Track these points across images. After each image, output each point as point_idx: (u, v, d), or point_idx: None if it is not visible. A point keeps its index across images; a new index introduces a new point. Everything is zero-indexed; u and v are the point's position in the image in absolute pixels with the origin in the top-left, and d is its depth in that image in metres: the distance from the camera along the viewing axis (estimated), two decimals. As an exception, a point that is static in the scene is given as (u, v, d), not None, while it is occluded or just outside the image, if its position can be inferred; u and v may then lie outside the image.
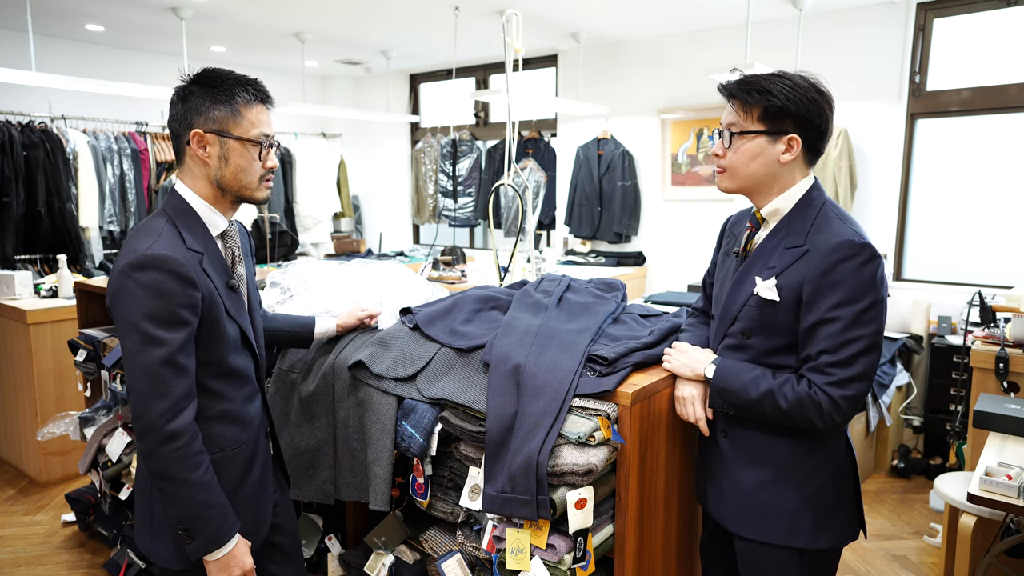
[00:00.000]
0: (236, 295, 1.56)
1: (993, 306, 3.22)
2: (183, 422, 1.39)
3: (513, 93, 3.17)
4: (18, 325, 3.68)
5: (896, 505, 3.60)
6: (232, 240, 1.58)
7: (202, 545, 1.43)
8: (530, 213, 4.36)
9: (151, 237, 1.41)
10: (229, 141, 1.47)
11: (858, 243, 1.41)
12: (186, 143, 1.48)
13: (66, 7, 4.71)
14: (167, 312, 1.37)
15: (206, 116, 1.46)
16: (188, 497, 1.40)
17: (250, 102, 1.49)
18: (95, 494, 3.14)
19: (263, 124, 1.51)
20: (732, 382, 1.53)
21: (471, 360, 1.81)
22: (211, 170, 1.49)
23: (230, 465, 1.54)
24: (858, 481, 1.61)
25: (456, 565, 1.77)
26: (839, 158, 4.37)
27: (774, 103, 1.47)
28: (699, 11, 4.62)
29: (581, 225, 5.75)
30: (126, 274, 1.37)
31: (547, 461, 1.51)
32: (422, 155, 6.75)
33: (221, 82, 1.47)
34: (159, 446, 1.37)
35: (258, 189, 1.53)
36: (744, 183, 1.55)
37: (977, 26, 4.20)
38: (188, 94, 1.47)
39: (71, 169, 4.93)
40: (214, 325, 1.47)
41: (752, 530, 1.57)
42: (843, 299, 1.40)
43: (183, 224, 1.47)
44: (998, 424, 2.30)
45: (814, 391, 1.43)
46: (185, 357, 1.40)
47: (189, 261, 1.41)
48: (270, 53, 6.23)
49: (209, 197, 1.52)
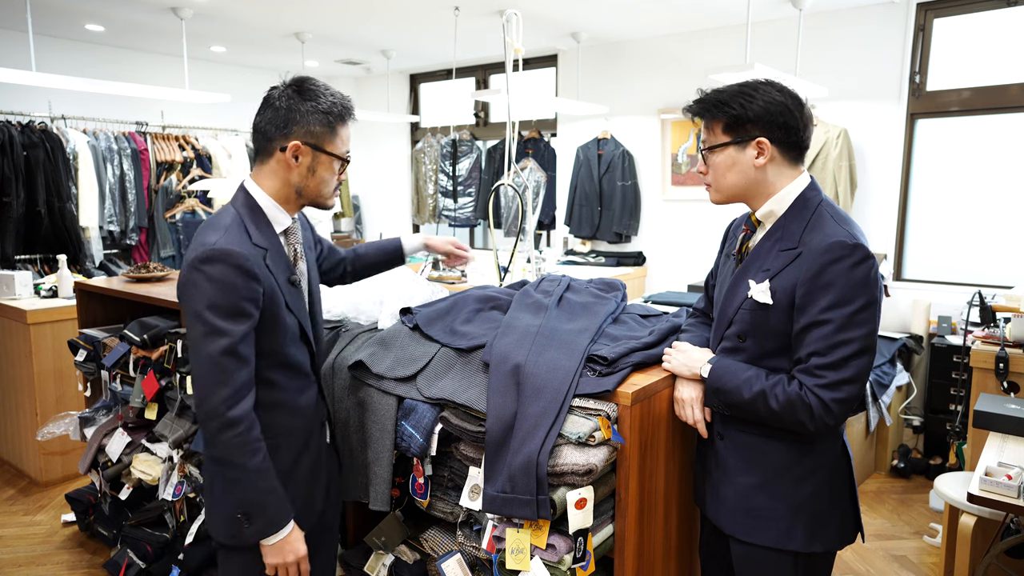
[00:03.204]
0: (297, 290, 1.62)
1: (993, 306, 3.22)
2: (243, 410, 1.45)
3: (513, 93, 3.17)
4: (18, 325, 3.68)
5: (896, 505, 3.60)
6: (295, 237, 1.65)
7: (259, 530, 1.50)
8: (530, 213, 4.36)
9: (219, 232, 1.48)
10: (321, 155, 1.55)
11: (849, 244, 1.40)
12: (279, 148, 1.53)
13: (66, 7, 4.71)
14: (230, 304, 1.44)
15: (307, 129, 1.52)
16: (248, 483, 1.47)
17: (345, 121, 1.57)
18: (95, 494, 3.14)
19: (349, 142, 1.61)
20: (727, 382, 1.54)
21: (471, 360, 1.81)
22: (294, 177, 1.56)
23: (283, 452, 1.61)
24: (854, 485, 1.61)
25: (456, 565, 1.77)
26: (839, 158, 4.37)
27: (731, 113, 1.50)
28: (699, 11, 4.62)
29: (581, 225, 5.75)
30: (194, 267, 1.44)
31: (547, 461, 1.51)
32: (422, 155, 6.75)
33: (323, 98, 1.53)
34: (220, 432, 1.44)
35: (330, 198, 1.63)
36: (728, 193, 1.57)
37: (977, 26, 4.20)
38: (288, 102, 1.52)
39: (71, 169, 4.93)
40: (274, 318, 1.54)
41: (747, 533, 1.57)
42: (834, 301, 1.39)
43: (250, 220, 1.54)
44: (998, 424, 2.30)
45: (805, 393, 1.43)
46: (246, 348, 1.47)
47: (253, 256, 1.48)
48: (270, 53, 6.23)
49: (280, 198, 1.59)
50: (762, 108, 1.48)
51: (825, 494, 1.54)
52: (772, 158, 1.51)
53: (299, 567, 1.56)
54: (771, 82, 1.52)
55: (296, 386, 1.64)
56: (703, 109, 1.55)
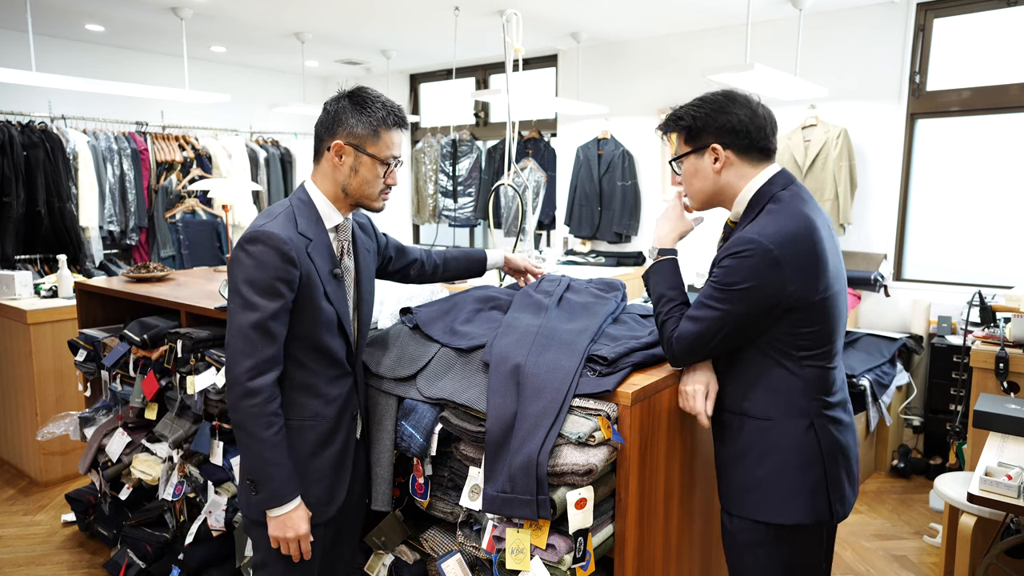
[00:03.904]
0: (339, 283, 1.71)
1: (993, 306, 3.22)
2: (263, 382, 1.55)
3: (513, 93, 3.17)
4: (18, 325, 3.68)
5: (896, 505, 3.60)
6: (344, 234, 1.76)
7: (264, 499, 1.59)
8: (530, 213, 4.36)
9: (268, 218, 1.62)
10: (363, 156, 1.65)
11: (746, 237, 1.52)
12: (326, 148, 1.66)
13: (66, 7, 4.71)
14: (265, 282, 1.55)
15: (350, 131, 1.64)
16: (257, 452, 1.57)
17: (390, 127, 1.66)
18: (95, 494, 3.14)
19: (395, 147, 1.69)
20: (654, 284, 1.72)
21: (471, 360, 1.81)
22: (340, 176, 1.67)
23: (307, 435, 1.68)
24: (839, 467, 1.63)
25: (456, 565, 1.77)
26: (839, 158, 4.37)
27: (684, 124, 1.66)
28: (699, 11, 4.62)
29: (581, 225, 5.75)
30: (240, 247, 1.57)
31: (547, 461, 1.51)
32: (422, 155, 6.75)
33: (370, 104, 1.65)
34: (239, 400, 1.55)
35: (376, 200, 1.72)
36: (699, 199, 1.72)
37: (977, 26, 4.20)
38: (339, 106, 1.65)
39: (71, 169, 4.93)
40: (310, 303, 1.63)
41: (727, 503, 1.71)
42: (716, 277, 1.56)
43: (300, 212, 1.66)
44: (998, 424, 2.30)
45: (673, 324, 1.64)
46: (276, 325, 1.57)
47: (295, 242, 1.58)
48: (270, 53, 6.24)
49: (331, 196, 1.70)
50: (710, 116, 1.62)
51: (789, 470, 1.61)
52: (729, 162, 1.63)
53: (299, 544, 1.63)
54: (725, 92, 1.65)
55: (328, 373, 1.71)
56: (665, 126, 1.73)
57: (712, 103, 1.63)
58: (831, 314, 1.57)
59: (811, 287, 1.52)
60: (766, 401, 1.60)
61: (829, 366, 1.60)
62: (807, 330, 1.55)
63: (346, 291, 1.75)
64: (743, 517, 1.66)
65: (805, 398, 1.58)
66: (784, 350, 1.57)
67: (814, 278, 1.52)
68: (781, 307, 1.53)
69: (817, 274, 1.53)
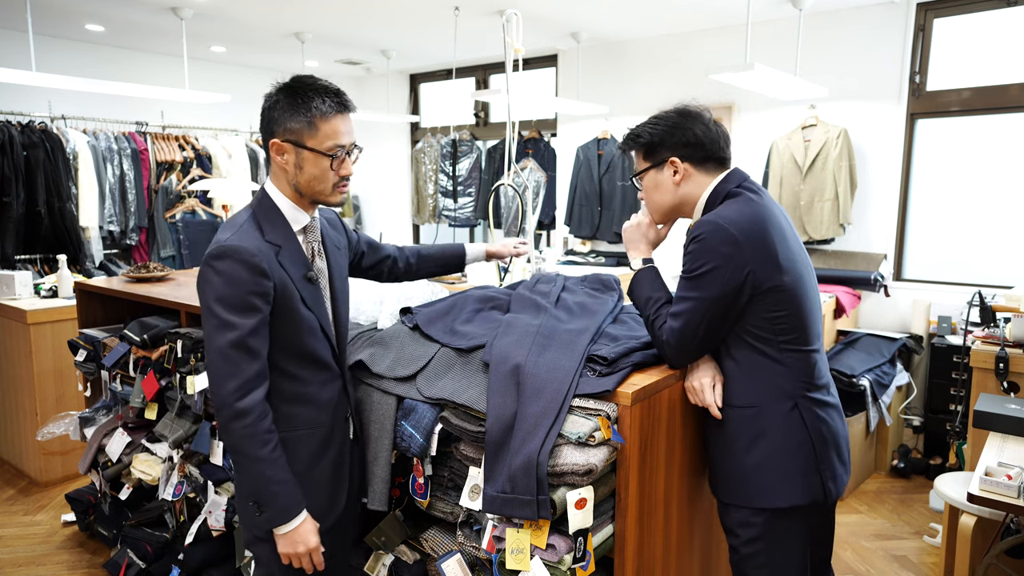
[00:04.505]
0: (314, 287, 1.65)
1: (993, 306, 3.22)
2: (252, 401, 1.49)
3: (513, 93, 3.17)
4: (18, 325, 3.68)
5: (896, 505, 3.60)
6: (313, 235, 1.69)
7: (270, 518, 1.54)
8: (530, 213, 4.36)
9: (232, 229, 1.55)
10: (303, 151, 1.57)
11: (704, 220, 1.62)
12: (270, 149, 1.60)
13: (66, 7, 4.71)
14: (238, 299, 1.48)
15: (284, 127, 1.55)
16: (257, 472, 1.51)
17: (327, 114, 1.55)
18: (95, 494, 3.14)
19: (339, 136, 1.58)
20: (638, 290, 1.78)
21: (471, 360, 1.81)
22: (289, 175, 1.60)
23: (305, 445, 1.65)
24: (826, 446, 1.68)
25: (456, 565, 1.77)
26: (839, 158, 4.37)
27: (642, 141, 1.76)
28: (699, 11, 4.62)
29: (581, 225, 5.75)
30: (207, 263, 1.51)
31: (547, 461, 1.51)
32: (422, 155, 6.75)
33: (302, 93, 1.55)
34: (230, 422, 1.49)
35: (332, 194, 1.64)
36: (661, 211, 1.80)
37: (977, 26, 4.20)
38: (274, 102, 1.57)
39: (71, 169, 4.93)
40: (289, 312, 1.58)
41: (722, 493, 1.76)
42: (684, 266, 1.65)
43: (265, 219, 1.60)
44: (998, 424, 2.30)
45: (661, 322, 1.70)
46: (256, 341, 1.51)
47: (263, 253, 1.52)
48: (270, 53, 6.23)
49: (291, 197, 1.64)
50: (667, 132, 1.72)
51: (779, 454, 1.65)
52: (688, 174, 1.73)
53: (311, 558, 1.59)
54: (678, 109, 1.75)
55: (319, 379, 1.67)
56: (626, 144, 1.82)
57: (667, 120, 1.73)
58: (798, 295, 1.64)
59: (772, 266, 1.60)
60: (750, 389, 1.67)
61: (808, 350, 1.67)
62: (779, 314, 1.62)
63: (322, 293, 1.70)
64: (739, 506, 1.70)
65: (788, 383, 1.65)
66: (762, 336, 1.64)
67: (773, 257, 1.60)
68: (748, 288, 1.59)
69: (776, 254, 1.60)
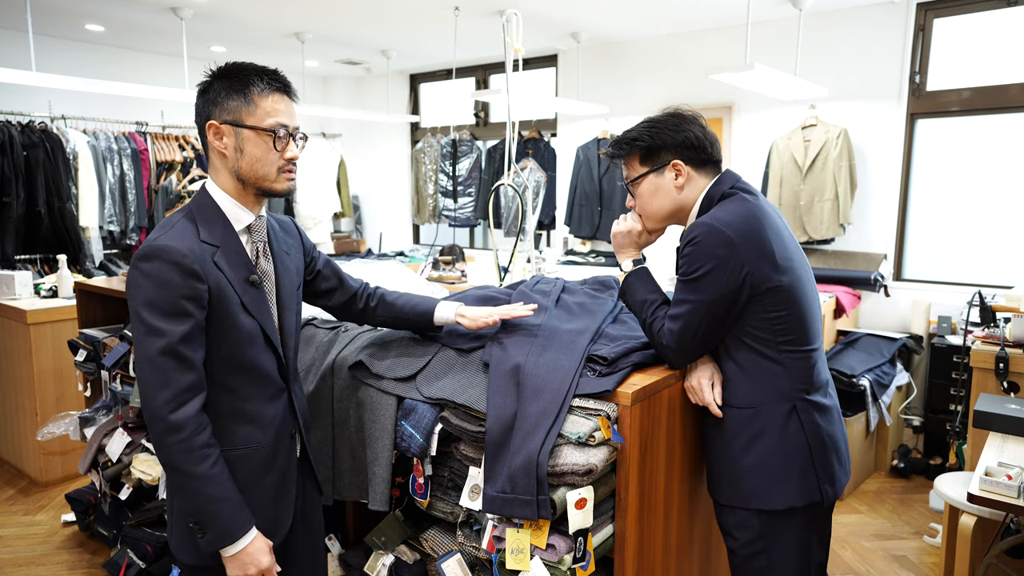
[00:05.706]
0: (257, 291, 1.52)
1: (993, 306, 3.22)
2: (186, 414, 1.37)
3: (513, 93, 3.17)
4: (18, 325, 3.68)
5: (896, 505, 3.60)
6: (258, 235, 1.56)
7: (214, 539, 1.42)
8: (530, 213, 4.36)
9: (164, 229, 1.44)
10: (243, 131, 1.46)
11: (699, 222, 1.61)
12: (207, 136, 1.49)
13: (66, 7, 4.71)
14: (168, 303, 1.37)
15: (221, 107, 1.46)
16: (195, 489, 1.39)
17: (265, 91, 1.47)
18: (95, 494, 3.14)
19: (279, 114, 1.49)
20: (632, 294, 1.77)
21: (471, 360, 1.81)
22: (229, 161, 1.49)
23: (244, 465, 1.51)
24: (824, 448, 1.67)
25: (456, 565, 1.77)
26: (839, 158, 4.37)
27: (643, 145, 1.72)
28: (699, 11, 4.62)
29: (581, 225, 5.75)
30: (134, 265, 1.40)
31: (547, 461, 1.51)
32: (422, 155, 6.75)
33: (238, 73, 1.47)
34: (163, 436, 1.37)
35: (277, 180, 1.52)
36: (657, 217, 1.76)
37: (977, 26, 4.20)
38: (208, 87, 1.48)
39: (71, 169, 4.93)
40: (226, 319, 1.45)
41: (720, 494, 1.75)
42: (681, 270, 1.64)
43: (202, 218, 1.48)
44: (998, 424, 2.30)
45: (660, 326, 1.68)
46: (189, 349, 1.39)
47: (196, 253, 1.41)
48: (270, 53, 6.23)
49: (233, 191, 1.52)
50: (667, 134, 1.69)
51: (776, 455, 1.65)
52: (689, 177, 1.71)
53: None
54: (672, 112, 1.73)
55: (261, 394, 1.54)
56: (619, 149, 1.76)
57: (664, 122, 1.70)
58: (797, 295, 1.63)
59: (769, 266, 1.58)
60: (749, 390, 1.66)
61: (807, 350, 1.66)
62: (778, 314, 1.61)
63: (267, 298, 1.56)
64: (736, 507, 1.70)
65: (787, 384, 1.64)
66: (761, 337, 1.63)
67: (770, 257, 1.59)
68: (746, 289, 1.58)
69: (773, 254, 1.59)
